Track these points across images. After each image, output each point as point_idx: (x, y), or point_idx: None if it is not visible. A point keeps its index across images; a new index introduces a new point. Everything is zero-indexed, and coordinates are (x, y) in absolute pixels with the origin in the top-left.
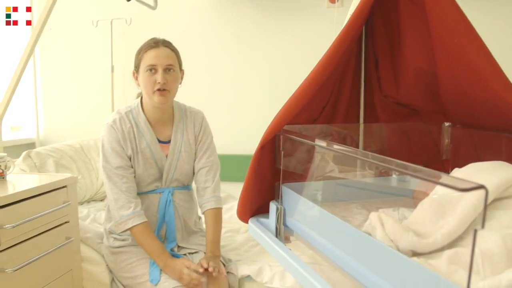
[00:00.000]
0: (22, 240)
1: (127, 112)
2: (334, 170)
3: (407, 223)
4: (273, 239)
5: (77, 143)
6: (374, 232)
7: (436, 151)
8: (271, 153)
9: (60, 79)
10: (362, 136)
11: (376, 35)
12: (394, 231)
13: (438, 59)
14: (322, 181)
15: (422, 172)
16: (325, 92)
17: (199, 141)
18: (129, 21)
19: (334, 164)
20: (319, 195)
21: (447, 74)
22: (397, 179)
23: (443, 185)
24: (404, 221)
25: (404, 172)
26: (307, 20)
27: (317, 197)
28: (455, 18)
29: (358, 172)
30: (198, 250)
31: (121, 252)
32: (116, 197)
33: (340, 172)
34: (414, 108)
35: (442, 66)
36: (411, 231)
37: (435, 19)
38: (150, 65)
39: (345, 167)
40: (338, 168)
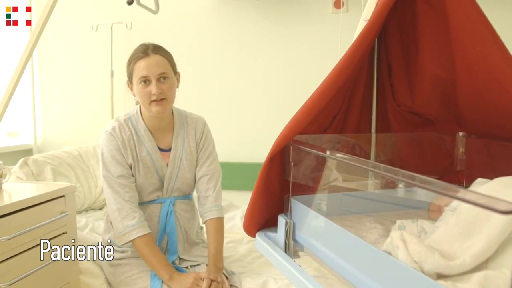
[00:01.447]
0: (18, 252)
1: (126, 120)
2: (344, 181)
3: (431, 242)
4: (282, 255)
5: (75, 150)
6: (395, 251)
7: (449, 162)
8: (280, 165)
9: (59, 84)
10: (374, 147)
11: (390, 41)
12: (418, 252)
13: (457, 65)
14: (333, 193)
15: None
16: (336, 101)
17: (200, 148)
18: (130, 26)
19: (344, 176)
20: (330, 208)
21: (466, 81)
22: (408, 190)
23: (481, 206)
24: (427, 239)
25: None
26: (311, 25)
27: (328, 210)
28: (477, 24)
29: (369, 182)
30: (200, 262)
31: (120, 265)
32: (119, 207)
33: (349, 182)
34: (427, 117)
35: (461, 73)
36: (436, 251)
37: (457, 24)
38: (142, 77)
39: (354, 176)
40: (347, 179)
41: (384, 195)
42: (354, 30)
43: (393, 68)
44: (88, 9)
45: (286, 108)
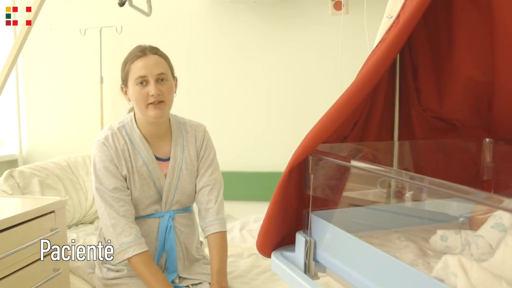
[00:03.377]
0: (4, 275)
1: (120, 128)
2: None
3: (490, 267)
4: (304, 278)
5: (63, 160)
6: (450, 279)
7: (475, 171)
8: (298, 177)
9: (45, 91)
10: (396, 155)
11: (416, 42)
12: (482, 281)
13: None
14: (355, 207)
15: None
16: (358, 107)
17: (201, 156)
18: (120, 29)
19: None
20: (353, 224)
21: (507, 84)
22: (433, 202)
23: None
24: (484, 263)
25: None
26: (310, 28)
27: (351, 226)
28: None
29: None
30: (202, 280)
31: (116, 285)
32: (114, 222)
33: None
34: (453, 122)
35: (502, 75)
36: (502, 279)
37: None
38: (140, 77)
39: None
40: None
41: (410, 207)
42: (355, 33)
43: (419, 70)
44: (75, 12)
45: (286, 113)
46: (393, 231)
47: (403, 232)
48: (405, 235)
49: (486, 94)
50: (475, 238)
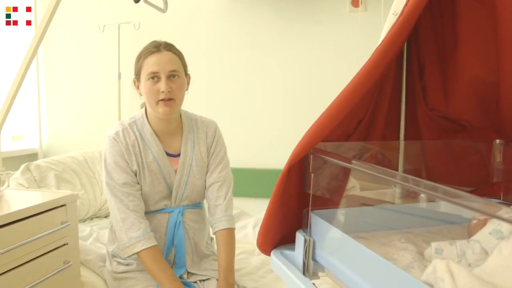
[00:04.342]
0: (14, 266)
1: (131, 124)
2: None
3: (481, 273)
4: (300, 278)
5: (80, 155)
6: (439, 284)
7: (485, 172)
8: (298, 175)
9: (65, 86)
10: (402, 155)
11: (422, 39)
12: (470, 287)
13: (504, 66)
14: (357, 207)
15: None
16: (362, 104)
17: (211, 153)
18: (138, 26)
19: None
20: (354, 224)
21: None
22: (440, 204)
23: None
24: (475, 269)
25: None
26: (328, 25)
27: (352, 226)
28: None
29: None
30: (210, 276)
31: (125, 278)
32: (124, 217)
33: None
34: (462, 123)
35: (507, 75)
36: (490, 286)
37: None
38: (152, 72)
39: (376, 185)
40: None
41: (413, 208)
42: (373, 30)
43: (425, 68)
44: (94, 8)
45: (302, 111)
46: (395, 232)
47: (405, 233)
48: (406, 236)
49: (493, 94)
50: (472, 242)
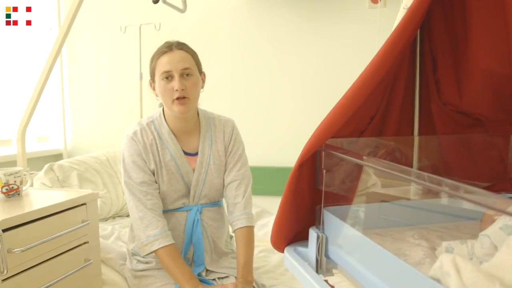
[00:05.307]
0: (36, 263)
1: (149, 123)
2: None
3: (489, 267)
4: (312, 275)
5: (103, 155)
6: (445, 279)
7: (503, 167)
8: (311, 172)
9: (88, 87)
10: (417, 151)
11: (435, 31)
12: (475, 281)
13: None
14: (371, 203)
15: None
16: (374, 100)
17: (229, 151)
18: (158, 26)
19: (383, 181)
20: (368, 220)
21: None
22: (457, 200)
23: None
24: (484, 264)
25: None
26: (347, 22)
27: (366, 222)
28: None
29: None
30: (229, 274)
31: (144, 276)
32: (142, 215)
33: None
34: (477, 117)
35: None
36: (497, 280)
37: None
38: (165, 71)
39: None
40: (387, 184)
41: (429, 203)
42: (393, 26)
43: (438, 62)
44: (116, 10)
45: (322, 109)
46: (409, 228)
47: (419, 229)
48: (420, 232)
49: (507, 87)
50: (481, 237)
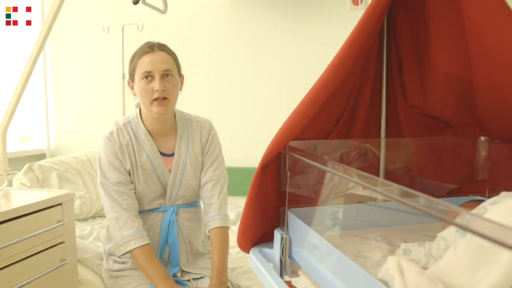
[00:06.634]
0: (9, 263)
1: (126, 124)
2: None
3: (435, 271)
4: (274, 277)
5: (84, 155)
6: (391, 281)
7: (470, 170)
8: (276, 173)
9: (72, 87)
10: (383, 154)
11: (400, 34)
12: (418, 284)
13: (473, 61)
14: (336, 205)
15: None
16: (339, 101)
17: (206, 152)
18: (141, 27)
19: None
20: (332, 223)
21: (484, 78)
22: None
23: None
24: (431, 268)
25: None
26: (329, 23)
27: (329, 225)
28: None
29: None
30: (204, 275)
31: (120, 276)
32: (117, 216)
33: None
34: (445, 120)
35: (478, 70)
36: (439, 283)
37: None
38: (146, 72)
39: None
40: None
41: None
42: None
43: (403, 64)
44: (99, 10)
45: None
46: (375, 229)
47: (383, 231)
48: (384, 234)
49: (470, 90)
50: (438, 239)
